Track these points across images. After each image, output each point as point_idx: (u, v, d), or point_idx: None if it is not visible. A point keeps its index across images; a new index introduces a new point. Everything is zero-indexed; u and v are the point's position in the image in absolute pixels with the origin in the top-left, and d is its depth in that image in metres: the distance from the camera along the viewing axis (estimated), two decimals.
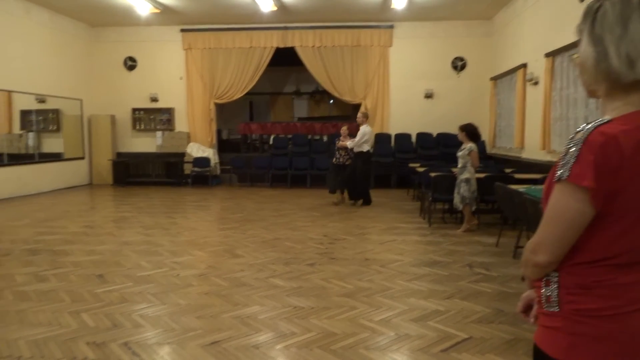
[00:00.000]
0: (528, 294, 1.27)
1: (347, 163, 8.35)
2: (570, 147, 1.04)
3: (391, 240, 5.85)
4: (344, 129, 8.50)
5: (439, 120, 11.65)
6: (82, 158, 12.23)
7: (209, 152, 12.09)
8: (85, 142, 12.30)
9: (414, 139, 11.82)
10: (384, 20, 11.60)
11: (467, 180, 6.11)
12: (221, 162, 12.42)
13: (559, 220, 1.06)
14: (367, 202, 8.53)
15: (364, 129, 8.17)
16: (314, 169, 11.44)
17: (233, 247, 5.54)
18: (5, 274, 4.53)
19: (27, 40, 10.18)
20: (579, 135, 1.03)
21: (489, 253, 5.23)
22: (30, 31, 10.27)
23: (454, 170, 6.68)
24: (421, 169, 8.06)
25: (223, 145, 13.74)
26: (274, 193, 10.51)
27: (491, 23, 11.35)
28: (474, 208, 6.30)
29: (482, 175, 6.46)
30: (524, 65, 8.94)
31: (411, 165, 9.34)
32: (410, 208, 8.34)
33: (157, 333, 3.17)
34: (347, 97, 12.11)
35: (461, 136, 6.26)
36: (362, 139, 8.11)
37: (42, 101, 10.82)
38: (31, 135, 10.66)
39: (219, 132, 13.43)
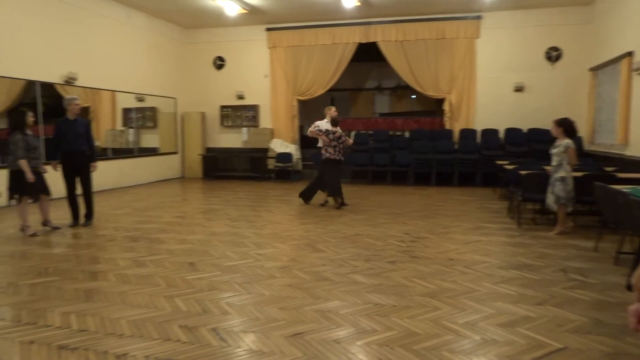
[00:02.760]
0: (638, 307, 1.15)
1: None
2: None
3: (476, 241, 5.62)
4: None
5: (529, 115, 11.00)
6: (175, 153, 13.08)
7: (292, 148, 12.37)
8: (178, 138, 13.13)
9: (501, 134, 11.26)
10: (470, 10, 11.13)
11: (563, 179, 5.70)
12: (303, 158, 12.67)
13: None
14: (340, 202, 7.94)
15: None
16: (394, 166, 11.29)
17: (314, 241, 5.62)
18: (109, 257, 4.97)
19: (128, 43, 11.05)
20: None
21: (585, 258, 4.84)
22: (131, 35, 11.14)
23: (548, 168, 6.27)
24: (510, 167, 7.65)
25: (305, 141, 13.96)
26: (354, 189, 10.51)
27: (591, 9, 10.46)
28: (569, 209, 5.87)
29: (579, 173, 6.00)
30: (630, 54, 8.14)
31: (499, 162, 8.90)
32: (496, 208, 7.96)
33: (242, 321, 3.30)
34: (431, 92, 11.80)
35: (556, 132, 5.85)
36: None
37: (141, 100, 11.70)
38: (131, 131, 11.58)
39: (301, 128, 13.69)
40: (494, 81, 11.30)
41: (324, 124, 8.16)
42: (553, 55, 10.99)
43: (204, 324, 3.25)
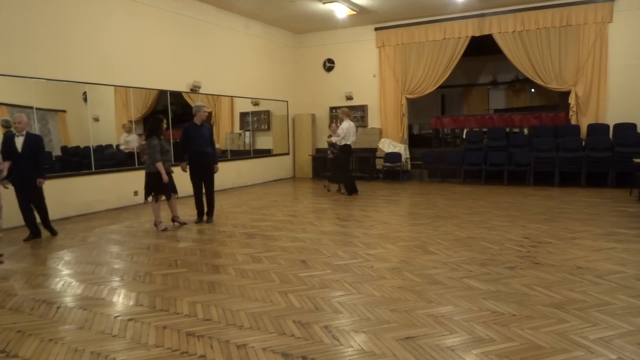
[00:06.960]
0: None
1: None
2: None
3: (610, 248, 5.05)
4: (333, 127, 10.01)
5: None
6: (287, 154, 13.62)
7: (400, 148, 12.20)
8: (289, 140, 13.66)
9: None
10: None
11: None
12: (412, 157, 12.43)
13: None
14: (351, 190, 9.66)
15: (344, 124, 9.40)
16: (511, 165, 10.59)
17: (425, 243, 5.48)
18: (229, 252, 5.32)
19: (245, 51, 11.76)
20: None
21: None
22: (247, 43, 11.83)
23: None
24: None
25: (414, 140, 13.72)
26: (467, 190, 10.07)
27: None
28: None
29: None
30: None
31: (636, 160, 7.93)
32: (633, 211, 7.09)
33: (353, 321, 3.32)
34: (553, 85, 10.87)
35: None
36: (343, 134, 9.35)
37: (256, 104, 12.38)
38: (247, 134, 12.29)
39: (410, 127, 13.46)
40: (630, 69, 10.09)
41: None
42: None
43: (316, 320, 3.33)
